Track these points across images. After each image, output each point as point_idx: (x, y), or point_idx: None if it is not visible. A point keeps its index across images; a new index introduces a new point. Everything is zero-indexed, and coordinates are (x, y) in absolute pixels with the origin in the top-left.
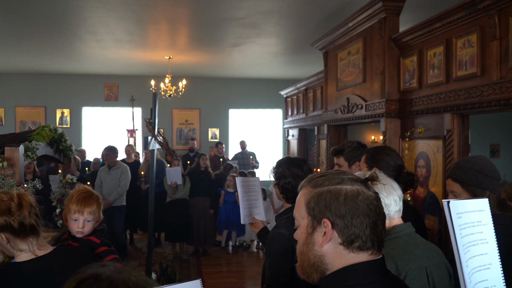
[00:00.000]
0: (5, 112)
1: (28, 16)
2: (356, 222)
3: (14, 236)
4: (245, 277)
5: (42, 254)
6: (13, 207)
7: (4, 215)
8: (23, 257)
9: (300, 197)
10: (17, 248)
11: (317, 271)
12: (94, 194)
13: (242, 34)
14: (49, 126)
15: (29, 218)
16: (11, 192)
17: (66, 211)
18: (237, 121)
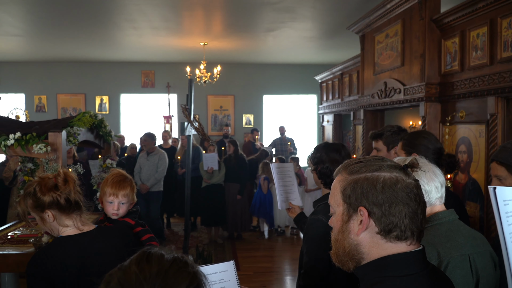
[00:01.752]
0: (47, 99)
1: (69, 6)
2: (395, 211)
3: (60, 212)
4: (279, 262)
5: (86, 230)
6: (60, 182)
7: (51, 191)
8: (69, 232)
9: (335, 183)
10: (62, 224)
11: (352, 260)
12: (128, 178)
13: (276, 18)
14: (89, 112)
15: (74, 193)
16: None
17: (101, 194)
18: (272, 107)
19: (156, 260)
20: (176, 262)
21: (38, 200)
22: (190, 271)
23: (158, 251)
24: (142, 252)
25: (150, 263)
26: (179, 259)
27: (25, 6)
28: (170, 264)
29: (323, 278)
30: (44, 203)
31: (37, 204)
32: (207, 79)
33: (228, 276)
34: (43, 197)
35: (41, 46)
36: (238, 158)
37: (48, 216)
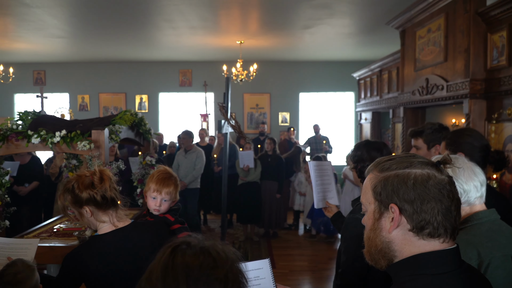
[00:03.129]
0: (90, 98)
1: (111, 8)
2: (427, 208)
3: (97, 208)
4: (315, 261)
5: (121, 226)
6: (96, 180)
7: (88, 188)
8: (105, 229)
9: (366, 181)
10: (99, 220)
11: (384, 258)
12: (173, 176)
13: (313, 15)
14: (130, 111)
15: (110, 191)
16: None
17: (146, 188)
18: (308, 104)
19: (180, 268)
20: (203, 266)
21: (77, 197)
22: (219, 276)
23: (197, 241)
24: (181, 242)
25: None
26: (207, 260)
27: (70, 9)
28: (198, 269)
29: (361, 277)
30: (82, 200)
31: (76, 200)
32: (243, 77)
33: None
34: (81, 194)
35: (84, 47)
36: (275, 156)
37: (86, 212)
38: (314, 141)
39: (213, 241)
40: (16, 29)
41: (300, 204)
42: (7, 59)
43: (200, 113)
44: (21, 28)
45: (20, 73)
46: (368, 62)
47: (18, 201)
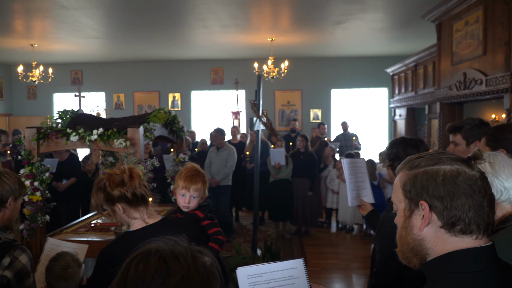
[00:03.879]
0: (125, 97)
1: (144, 9)
2: (457, 204)
3: (128, 205)
4: (348, 260)
5: (151, 223)
6: (125, 178)
7: (119, 186)
8: (136, 225)
9: (396, 180)
10: (131, 216)
11: (417, 256)
12: (201, 173)
13: (346, 10)
14: (164, 109)
15: (139, 188)
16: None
17: (175, 186)
18: (340, 101)
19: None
20: (155, 275)
21: (109, 195)
22: (170, 285)
23: (138, 262)
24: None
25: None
26: (160, 269)
27: (105, 11)
28: (150, 279)
29: (396, 276)
30: (114, 197)
31: (108, 198)
32: (274, 74)
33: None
34: (112, 192)
35: (119, 47)
36: (308, 154)
37: (118, 209)
38: (343, 138)
39: (179, 245)
40: (55, 31)
41: (332, 202)
42: (46, 60)
43: (232, 111)
44: (59, 30)
45: (58, 73)
46: (402, 57)
47: (56, 196)
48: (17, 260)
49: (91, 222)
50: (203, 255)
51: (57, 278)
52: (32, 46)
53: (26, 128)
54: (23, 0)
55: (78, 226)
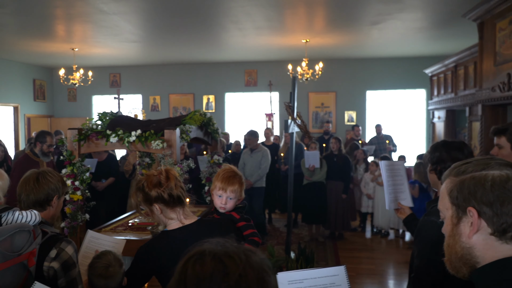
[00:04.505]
0: (161, 99)
1: (181, 12)
2: (508, 210)
3: (165, 206)
4: (383, 265)
5: (188, 223)
6: (162, 179)
7: (156, 187)
8: (173, 225)
9: (443, 187)
10: (168, 217)
11: (466, 265)
12: (238, 175)
13: (383, 10)
14: (199, 111)
15: (176, 189)
16: (160, 169)
17: (212, 187)
18: (375, 103)
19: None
20: (214, 275)
21: (147, 195)
22: (230, 283)
23: (210, 248)
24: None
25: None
26: (217, 268)
27: (143, 15)
28: (209, 279)
29: (435, 283)
30: (151, 198)
31: (146, 198)
32: (308, 76)
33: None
34: (150, 192)
35: (156, 50)
36: (341, 156)
37: (156, 209)
38: (376, 141)
39: (231, 245)
40: (95, 35)
41: (367, 205)
42: (86, 64)
43: (265, 113)
44: (99, 34)
45: (97, 76)
46: (441, 57)
47: (95, 196)
48: (63, 251)
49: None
50: (255, 254)
51: (98, 276)
52: (73, 50)
53: (68, 130)
54: (65, 6)
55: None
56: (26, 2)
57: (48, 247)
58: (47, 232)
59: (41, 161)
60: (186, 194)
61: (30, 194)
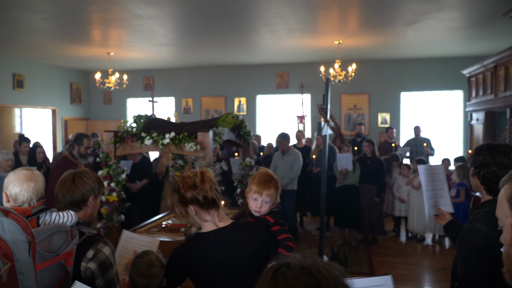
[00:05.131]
0: (193, 102)
1: (213, 16)
2: None
3: (200, 208)
4: (418, 271)
5: (222, 226)
6: (197, 181)
7: (191, 189)
8: (207, 227)
9: (501, 194)
10: (202, 219)
11: None
12: (274, 178)
13: (419, 10)
14: (231, 114)
15: (210, 191)
16: (195, 170)
17: (248, 190)
18: (410, 104)
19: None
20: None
21: (182, 196)
22: None
23: (296, 260)
24: (281, 264)
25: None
26: (310, 281)
27: (177, 19)
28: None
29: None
30: (187, 199)
31: (181, 199)
32: (341, 78)
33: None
34: (185, 194)
35: (188, 54)
36: (375, 159)
37: (191, 211)
38: (414, 143)
39: (313, 258)
40: (130, 40)
41: (400, 209)
42: (121, 67)
43: (297, 115)
44: (134, 38)
45: (132, 79)
46: (480, 58)
47: (129, 197)
48: (100, 252)
49: (162, 222)
50: (336, 267)
51: (140, 275)
52: (109, 54)
53: (104, 132)
54: (102, 11)
55: (150, 226)
56: (64, 7)
57: (85, 248)
58: (84, 232)
59: (79, 162)
60: (221, 197)
61: (66, 195)
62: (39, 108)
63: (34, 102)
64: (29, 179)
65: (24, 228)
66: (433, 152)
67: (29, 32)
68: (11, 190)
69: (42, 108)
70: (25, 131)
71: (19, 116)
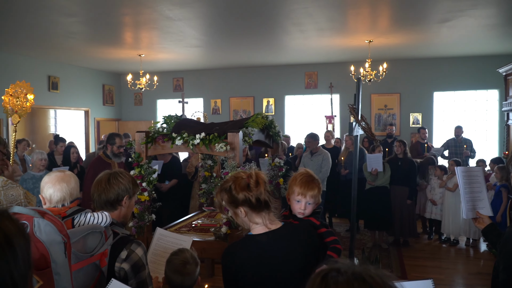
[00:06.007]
0: (221, 102)
1: (243, 16)
2: None
3: (251, 210)
4: (452, 275)
5: (273, 228)
6: (252, 183)
7: (244, 190)
8: (258, 229)
9: None
10: (253, 221)
11: None
12: (316, 179)
13: (453, 7)
14: (261, 114)
15: (264, 194)
16: (248, 171)
17: (289, 192)
18: (443, 104)
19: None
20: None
21: (233, 197)
22: None
23: (346, 266)
24: (331, 269)
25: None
26: (371, 272)
27: (206, 20)
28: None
29: None
30: (238, 201)
31: (232, 200)
32: (372, 77)
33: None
34: (237, 195)
35: (217, 55)
36: (407, 160)
37: (240, 212)
38: (453, 144)
39: (363, 265)
40: (161, 41)
41: (432, 211)
42: (152, 69)
43: (325, 115)
44: (164, 40)
45: (162, 80)
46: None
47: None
48: (133, 253)
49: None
50: (386, 274)
51: (175, 272)
52: (140, 56)
53: (136, 133)
54: (133, 13)
55: (180, 226)
56: (97, 11)
57: (119, 248)
58: (118, 233)
59: (113, 162)
60: (273, 199)
61: (101, 194)
62: (72, 109)
63: (68, 104)
64: (61, 180)
65: (60, 229)
66: (474, 154)
67: (64, 36)
68: (46, 192)
69: (75, 109)
70: (59, 132)
71: (54, 117)
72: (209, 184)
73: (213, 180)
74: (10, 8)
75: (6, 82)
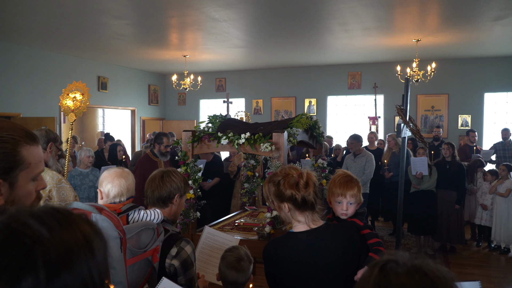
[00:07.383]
0: (263, 102)
1: (286, 16)
2: None
3: (295, 207)
4: (504, 285)
5: (315, 227)
6: (301, 184)
7: (291, 188)
8: (300, 227)
9: None
10: (295, 218)
11: None
12: (354, 178)
13: (508, 4)
14: (306, 114)
15: (311, 196)
16: (300, 169)
17: (329, 194)
18: (494, 106)
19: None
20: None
21: (280, 192)
22: None
23: (405, 258)
24: (389, 260)
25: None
26: (424, 281)
27: (251, 21)
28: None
29: None
30: (284, 196)
31: (278, 194)
32: (419, 77)
33: None
34: (284, 191)
35: (259, 55)
36: (455, 163)
37: (284, 207)
38: (501, 147)
39: (422, 259)
40: (205, 42)
41: (482, 217)
42: (195, 69)
43: (369, 116)
44: (209, 41)
45: (205, 81)
46: None
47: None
48: (183, 250)
49: (235, 221)
50: (447, 272)
51: (229, 268)
52: (185, 57)
53: (182, 132)
54: (180, 15)
55: (223, 224)
56: (145, 13)
57: (169, 245)
58: (168, 230)
59: (160, 160)
60: (320, 201)
61: (154, 191)
62: (120, 108)
63: (115, 103)
64: (120, 175)
65: (116, 225)
66: None
67: (113, 37)
68: (104, 187)
69: (122, 108)
70: (107, 130)
71: (102, 116)
72: (251, 184)
73: (255, 180)
74: (64, 12)
75: (60, 82)
